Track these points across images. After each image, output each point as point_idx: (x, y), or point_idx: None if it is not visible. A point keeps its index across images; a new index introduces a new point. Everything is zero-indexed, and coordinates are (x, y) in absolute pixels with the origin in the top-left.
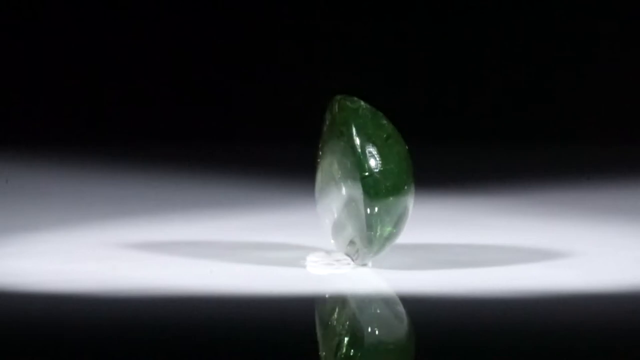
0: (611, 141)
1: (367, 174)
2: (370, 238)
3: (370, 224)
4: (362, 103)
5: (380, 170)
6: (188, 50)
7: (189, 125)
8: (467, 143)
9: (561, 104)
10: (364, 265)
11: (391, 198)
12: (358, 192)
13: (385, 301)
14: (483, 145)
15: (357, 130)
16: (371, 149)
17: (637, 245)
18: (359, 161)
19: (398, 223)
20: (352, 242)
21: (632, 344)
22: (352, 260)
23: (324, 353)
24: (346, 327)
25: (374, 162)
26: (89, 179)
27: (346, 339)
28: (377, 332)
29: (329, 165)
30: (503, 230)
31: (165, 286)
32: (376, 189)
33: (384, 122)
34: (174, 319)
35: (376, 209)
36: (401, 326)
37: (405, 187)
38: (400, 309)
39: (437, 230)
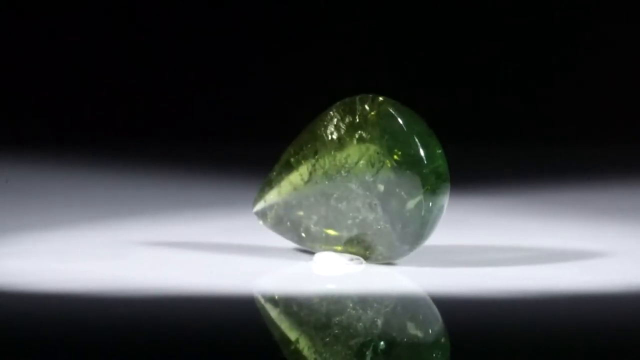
0: (611, 141)
1: (427, 170)
2: (422, 235)
3: (426, 221)
4: (392, 101)
5: (435, 167)
6: (188, 50)
7: (190, 125)
8: (468, 143)
9: (561, 104)
10: (391, 264)
11: (442, 195)
12: (410, 189)
13: (419, 300)
14: (483, 145)
15: (408, 126)
16: (426, 145)
17: (638, 245)
18: (418, 157)
19: (437, 220)
20: (357, 241)
21: (632, 344)
22: (366, 259)
23: (344, 352)
24: (376, 327)
25: (429, 159)
26: (89, 179)
27: (376, 338)
28: (411, 332)
29: (335, 166)
30: (503, 230)
31: (168, 286)
32: (435, 185)
33: (420, 118)
34: (175, 319)
35: (430, 204)
36: (434, 325)
37: (448, 184)
38: (433, 308)
39: (437, 231)
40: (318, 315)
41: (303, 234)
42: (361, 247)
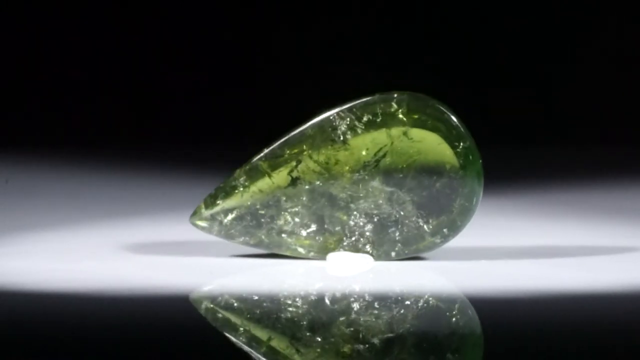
0: (611, 141)
1: (478, 162)
2: (460, 227)
3: (469, 213)
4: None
5: (480, 158)
6: (189, 50)
7: (190, 126)
8: None
9: (561, 104)
10: (421, 258)
11: (481, 188)
12: (458, 183)
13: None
14: (483, 145)
15: (458, 121)
16: (472, 139)
17: (637, 245)
18: (474, 147)
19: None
20: (365, 239)
21: (632, 344)
22: (373, 256)
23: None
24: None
25: (477, 151)
26: (89, 179)
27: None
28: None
29: (347, 165)
30: (503, 230)
31: (169, 286)
32: (479, 178)
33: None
34: (179, 319)
35: (474, 198)
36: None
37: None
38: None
39: None
40: (352, 315)
41: (271, 237)
42: (364, 244)
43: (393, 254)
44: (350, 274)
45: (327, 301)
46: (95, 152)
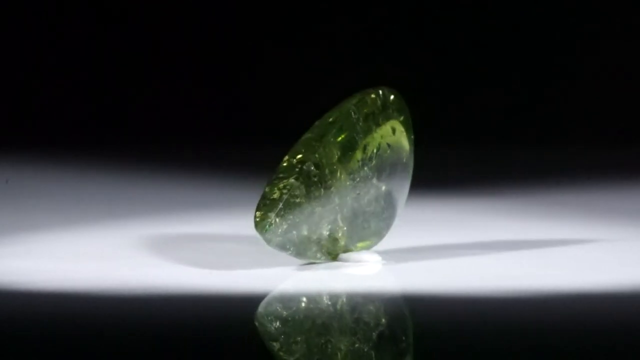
0: (611, 142)
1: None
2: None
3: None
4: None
5: None
6: (190, 50)
7: (192, 126)
8: (467, 144)
9: (561, 104)
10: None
11: None
12: (407, 173)
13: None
14: (482, 146)
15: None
16: None
17: (636, 245)
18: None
19: None
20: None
21: (632, 343)
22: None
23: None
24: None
25: None
26: (90, 179)
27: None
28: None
29: (358, 164)
30: (502, 231)
31: (171, 288)
32: None
33: None
34: (181, 319)
35: (409, 187)
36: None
37: None
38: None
39: (437, 232)
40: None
41: (308, 245)
42: (356, 241)
43: (367, 248)
44: (370, 273)
45: (368, 302)
46: (97, 152)
